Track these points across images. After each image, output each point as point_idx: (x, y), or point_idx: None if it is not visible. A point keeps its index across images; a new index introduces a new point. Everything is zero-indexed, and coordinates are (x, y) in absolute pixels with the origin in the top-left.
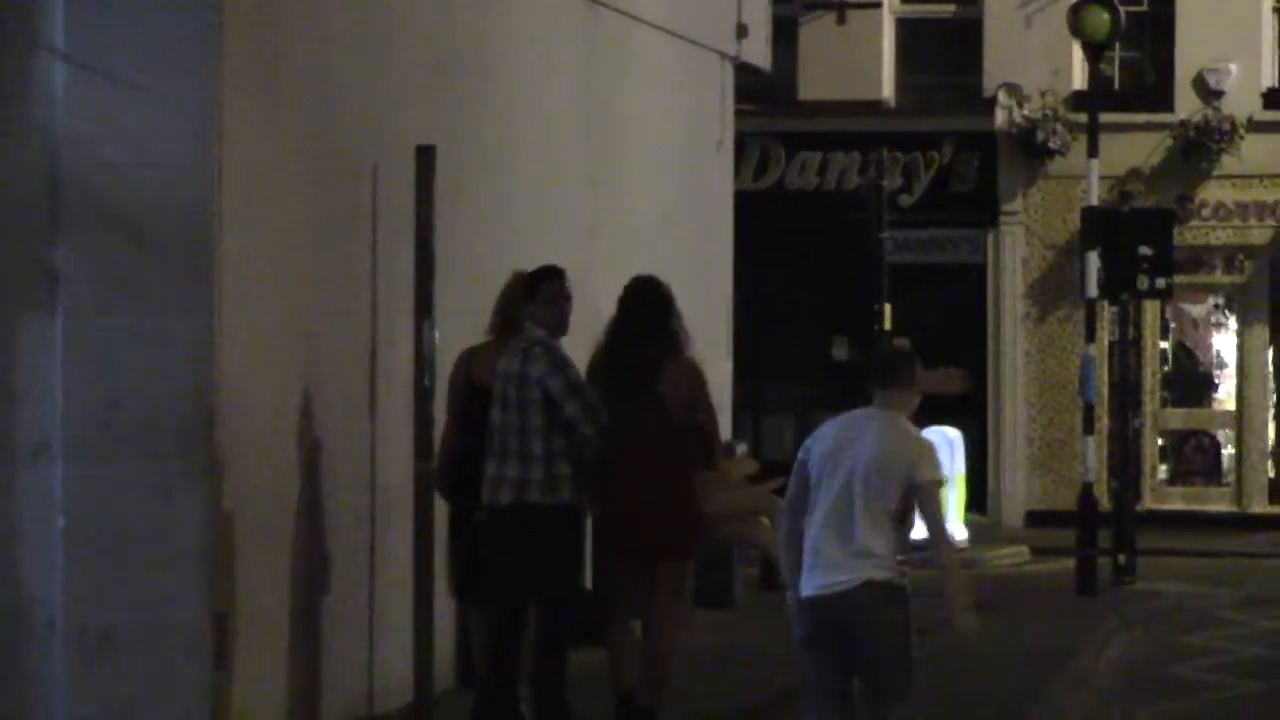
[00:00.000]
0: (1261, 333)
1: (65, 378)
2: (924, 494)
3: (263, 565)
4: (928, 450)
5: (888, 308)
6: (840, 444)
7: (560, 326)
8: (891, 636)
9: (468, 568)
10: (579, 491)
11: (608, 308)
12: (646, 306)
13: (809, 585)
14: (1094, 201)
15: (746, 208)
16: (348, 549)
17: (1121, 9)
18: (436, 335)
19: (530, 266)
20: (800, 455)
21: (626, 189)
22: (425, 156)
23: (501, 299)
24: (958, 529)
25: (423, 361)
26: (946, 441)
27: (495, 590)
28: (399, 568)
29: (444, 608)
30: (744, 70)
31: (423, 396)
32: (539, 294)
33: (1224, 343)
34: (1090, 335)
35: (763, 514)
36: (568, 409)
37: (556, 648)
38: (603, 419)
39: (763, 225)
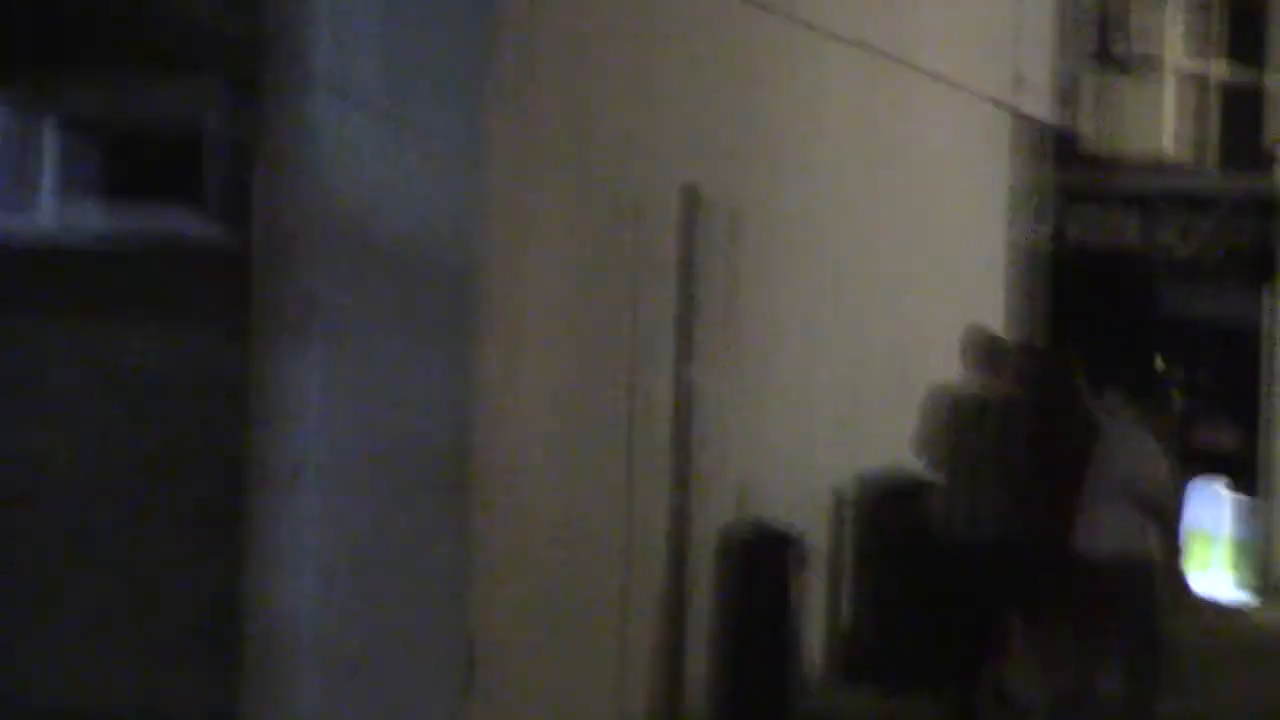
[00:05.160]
0: None
1: (324, 405)
2: None
3: (514, 594)
4: None
5: (1160, 362)
6: None
7: None
8: None
9: None
10: None
11: (870, 354)
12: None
13: None
14: None
15: (1026, 262)
16: (599, 583)
17: None
18: (694, 372)
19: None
20: None
21: (907, 236)
22: (691, 196)
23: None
24: (1234, 591)
25: (681, 399)
26: (1215, 495)
27: None
28: (651, 604)
29: (697, 644)
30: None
31: (681, 432)
32: None
33: None
34: None
35: None
36: None
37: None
38: None
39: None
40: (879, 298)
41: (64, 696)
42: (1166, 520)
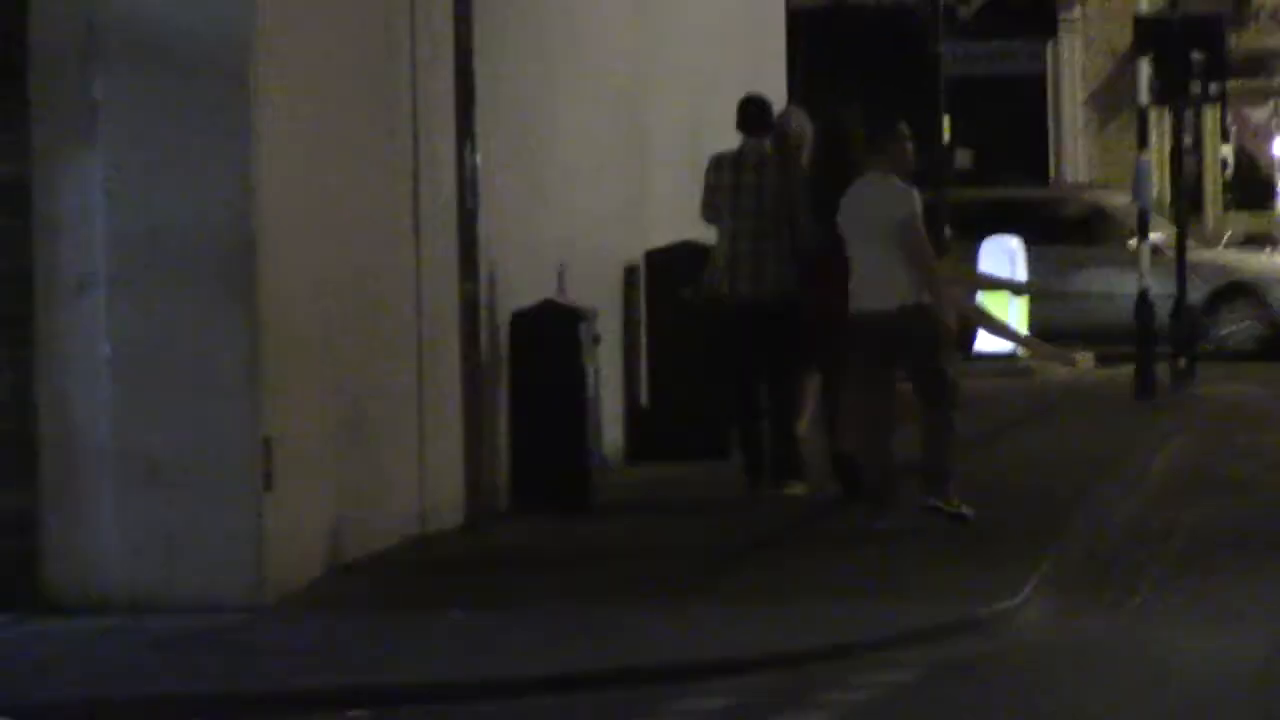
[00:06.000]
0: None
1: (107, 208)
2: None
3: (309, 388)
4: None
5: (946, 120)
6: None
7: None
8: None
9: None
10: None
11: (656, 128)
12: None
13: None
14: (1144, 8)
15: (804, 24)
16: (395, 370)
17: None
18: (478, 157)
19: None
20: None
21: (674, 7)
22: None
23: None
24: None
25: (465, 184)
26: (1007, 250)
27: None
28: (447, 388)
29: (496, 429)
30: None
31: (466, 219)
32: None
33: None
34: (1142, 142)
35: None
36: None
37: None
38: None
39: (820, 41)
40: (662, 74)
41: None
42: (917, 253)
